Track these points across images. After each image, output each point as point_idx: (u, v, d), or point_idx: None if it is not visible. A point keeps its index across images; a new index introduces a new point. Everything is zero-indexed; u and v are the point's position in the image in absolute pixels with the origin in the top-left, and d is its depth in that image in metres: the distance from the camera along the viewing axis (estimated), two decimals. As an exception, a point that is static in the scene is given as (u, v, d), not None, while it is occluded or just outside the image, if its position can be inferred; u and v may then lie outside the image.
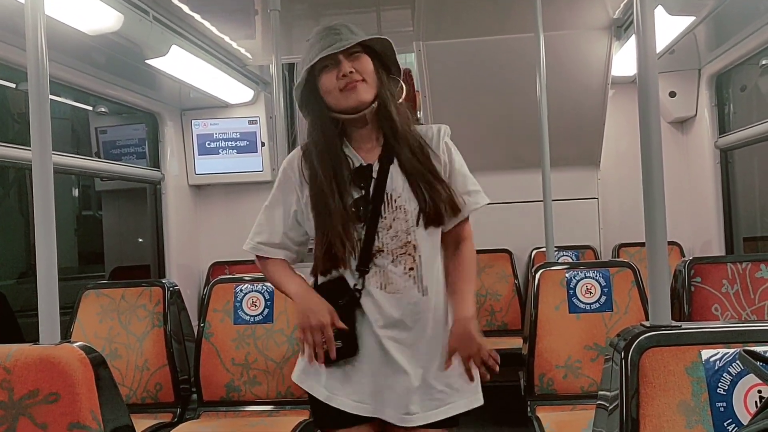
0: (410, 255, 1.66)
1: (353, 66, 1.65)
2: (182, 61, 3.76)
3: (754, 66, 4.27)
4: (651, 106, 1.32)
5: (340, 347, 1.63)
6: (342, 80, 1.64)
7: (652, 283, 1.30)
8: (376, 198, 1.66)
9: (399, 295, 1.65)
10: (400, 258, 1.65)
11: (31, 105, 1.45)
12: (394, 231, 1.65)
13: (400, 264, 1.65)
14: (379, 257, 1.65)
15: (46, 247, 1.42)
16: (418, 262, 1.66)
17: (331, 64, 1.66)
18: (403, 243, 1.66)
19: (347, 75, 1.63)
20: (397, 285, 1.65)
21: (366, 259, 1.65)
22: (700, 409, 1.11)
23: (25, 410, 1.28)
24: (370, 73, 1.67)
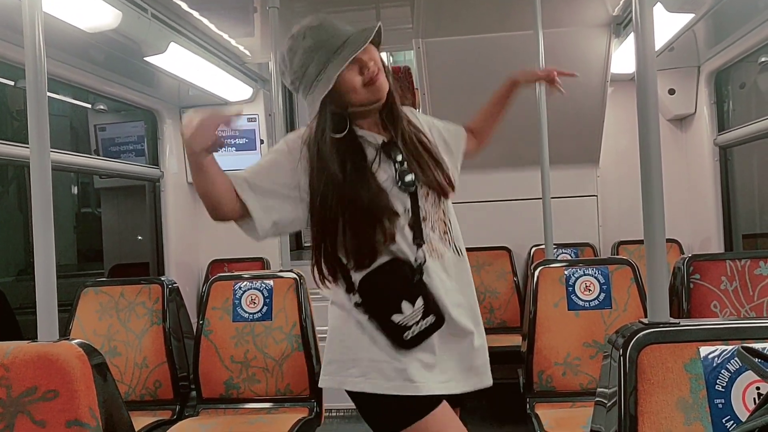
0: (442, 220, 1.69)
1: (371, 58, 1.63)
2: (181, 58, 3.76)
3: (754, 63, 4.27)
4: (650, 103, 1.32)
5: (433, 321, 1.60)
6: (366, 75, 1.61)
7: (651, 280, 1.30)
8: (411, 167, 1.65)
9: (442, 259, 1.66)
10: (436, 224, 1.67)
11: (29, 102, 1.45)
12: (432, 198, 1.67)
13: (437, 229, 1.67)
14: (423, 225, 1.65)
15: (45, 244, 1.42)
16: (449, 225, 1.70)
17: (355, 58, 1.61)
18: (438, 209, 1.69)
19: (369, 68, 1.61)
20: (440, 250, 1.66)
21: (419, 230, 1.63)
22: (698, 406, 1.11)
23: (23, 408, 1.28)
24: (380, 61, 1.65)
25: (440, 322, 1.62)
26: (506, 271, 4.62)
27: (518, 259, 4.71)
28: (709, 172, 4.51)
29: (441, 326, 1.62)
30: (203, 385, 2.94)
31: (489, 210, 4.58)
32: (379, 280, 1.61)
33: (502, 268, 4.63)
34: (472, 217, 4.47)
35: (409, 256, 1.62)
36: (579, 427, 2.29)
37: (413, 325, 1.58)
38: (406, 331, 1.58)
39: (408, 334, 1.58)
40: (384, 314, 1.60)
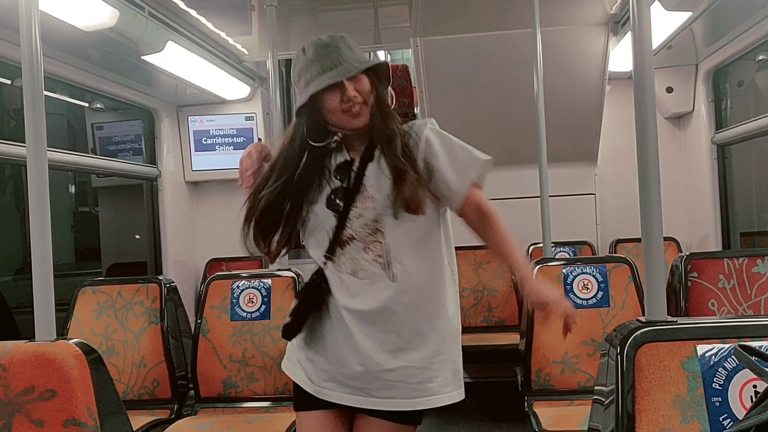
0: (379, 242, 1.72)
1: (356, 88, 1.71)
2: (178, 57, 3.75)
3: (751, 61, 4.27)
4: (647, 101, 1.32)
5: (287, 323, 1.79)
6: (346, 104, 1.71)
7: (648, 278, 1.30)
8: (353, 189, 1.75)
9: (368, 281, 1.72)
10: (370, 245, 1.72)
11: (25, 101, 1.45)
12: (365, 220, 1.72)
13: (370, 251, 1.73)
14: (350, 244, 1.74)
15: (42, 243, 1.41)
16: (386, 249, 1.71)
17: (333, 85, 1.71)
18: (372, 231, 1.72)
19: (351, 99, 1.70)
20: (368, 271, 1.72)
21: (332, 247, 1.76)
22: (695, 404, 1.12)
23: (20, 407, 1.28)
24: (368, 94, 1.73)
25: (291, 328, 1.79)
26: (504, 269, 4.62)
27: (516, 257, 4.71)
28: (706, 170, 4.51)
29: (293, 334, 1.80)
30: (201, 384, 2.94)
31: (487, 208, 4.57)
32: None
33: (500, 266, 4.62)
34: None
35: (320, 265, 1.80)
36: (577, 425, 2.29)
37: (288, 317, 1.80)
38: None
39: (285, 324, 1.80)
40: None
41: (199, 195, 5.18)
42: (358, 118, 1.73)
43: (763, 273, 2.58)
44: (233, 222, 1.85)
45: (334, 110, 1.72)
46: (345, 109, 1.71)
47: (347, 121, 1.73)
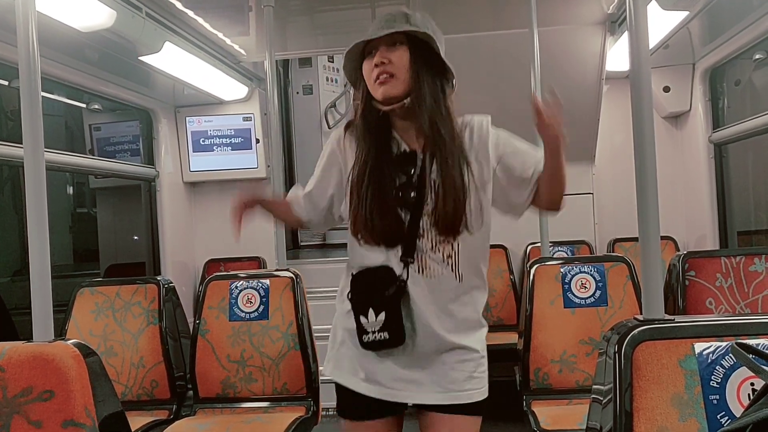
0: (449, 243, 1.66)
1: (389, 56, 1.64)
2: (176, 57, 3.75)
3: (748, 60, 4.28)
4: (644, 100, 1.32)
5: (386, 338, 1.64)
6: (375, 70, 1.64)
7: (646, 277, 1.30)
8: (420, 185, 1.66)
9: (436, 280, 1.66)
10: (440, 245, 1.66)
11: (22, 102, 1.45)
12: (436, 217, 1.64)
13: (439, 251, 1.66)
14: (419, 242, 1.65)
15: (39, 244, 1.41)
16: (456, 249, 1.67)
17: (373, 50, 1.66)
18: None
19: (379, 65, 1.63)
20: (434, 270, 1.66)
21: (411, 248, 1.65)
22: (693, 402, 1.12)
23: (18, 408, 1.28)
24: (402, 68, 1.64)
25: (396, 341, 1.65)
26: (502, 269, 4.63)
27: (514, 257, 4.72)
28: (704, 169, 4.52)
29: (397, 345, 1.66)
30: (200, 384, 2.94)
31: (485, 208, 4.58)
32: (364, 280, 1.68)
33: (498, 266, 4.64)
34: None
35: (395, 269, 1.66)
36: (575, 424, 2.29)
37: (371, 332, 1.65)
38: (364, 335, 1.66)
39: (365, 338, 1.66)
40: (357, 313, 1.68)
41: (197, 196, 5.18)
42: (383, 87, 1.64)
43: (760, 271, 2.59)
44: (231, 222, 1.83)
45: (368, 77, 1.67)
46: (374, 77, 1.64)
47: (375, 90, 1.65)
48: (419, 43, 1.66)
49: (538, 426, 2.44)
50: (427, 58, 1.68)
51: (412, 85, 1.65)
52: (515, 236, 4.68)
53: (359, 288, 1.69)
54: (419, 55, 1.66)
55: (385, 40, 1.64)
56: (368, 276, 1.68)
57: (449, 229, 1.64)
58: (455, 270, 1.68)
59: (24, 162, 1.44)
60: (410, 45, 1.66)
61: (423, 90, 1.65)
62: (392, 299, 1.64)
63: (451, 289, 1.68)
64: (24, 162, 1.44)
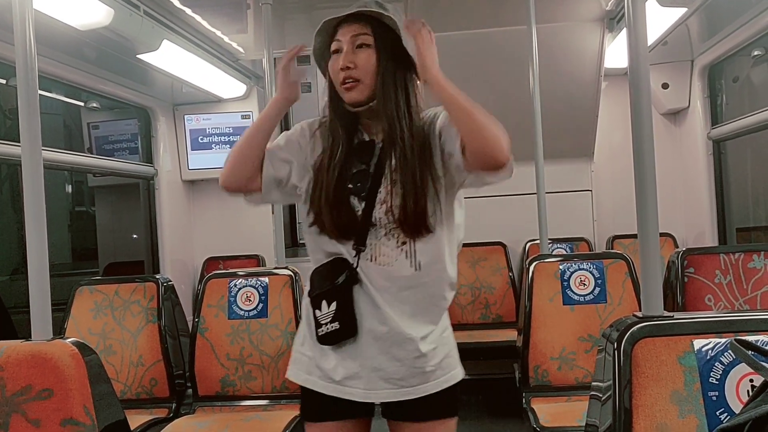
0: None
1: (355, 60, 1.59)
2: (174, 55, 3.74)
3: (747, 57, 4.28)
4: (643, 97, 1.32)
5: (337, 329, 1.59)
6: (340, 73, 1.60)
7: (645, 273, 1.30)
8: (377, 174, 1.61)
9: (390, 268, 1.60)
10: (393, 231, 1.60)
11: (20, 100, 1.44)
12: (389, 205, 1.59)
13: (393, 237, 1.60)
14: (372, 231, 1.60)
15: (37, 242, 1.41)
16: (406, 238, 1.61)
17: (337, 51, 1.62)
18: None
19: (344, 70, 1.59)
20: (389, 258, 1.61)
21: (363, 236, 1.60)
22: (692, 399, 1.12)
23: (17, 407, 1.27)
24: (368, 73, 1.60)
25: (347, 331, 1.60)
26: (501, 266, 4.63)
27: (513, 254, 4.72)
28: (702, 165, 4.52)
29: (349, 336, 1.60)
30: (199, 382, 2.94)
31: (484, 205, 4.57)
32: (320, 273, 1.64)
33: (497, 263, 4.64)
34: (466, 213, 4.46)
35: (348, 258, 1.62)
36: (575, 421, 2.29)
37: (324, 324, 1.60)
38: (319, 328, 1.61)
39: (320, 331, 1.61)
40: (313, 307, 1.63)
41: (196, 194, 5.18)
42: (349, 92, 1.60)
43: (759, 268, 2.59)
44: (230, 220, 1.81)
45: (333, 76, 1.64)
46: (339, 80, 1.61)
47: (340, 92, 1.63)
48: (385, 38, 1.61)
49: (538, 423, 2.44)
50: (392, 53, 1.62)
51: (377, 89, 1.61)
52: (514, 233, 4.69)
53: (314, 282, 1.65)
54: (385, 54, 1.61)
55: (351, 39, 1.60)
56: (323, 269, 1.64)
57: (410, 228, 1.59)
58: (410, 258, 1.61)
59: (21, 160, 1.44)
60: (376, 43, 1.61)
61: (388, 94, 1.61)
62: (342, 288, 1.60)
63: (407, 278, 1.61)
64: (21, 160, 1.44)
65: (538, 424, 2.43)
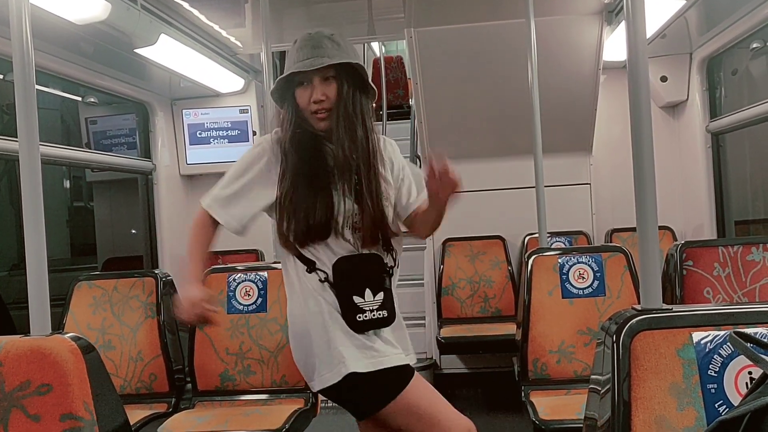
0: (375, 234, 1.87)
1: (325, 92, 1.78)
2: (171, 50, 3.74)
3: (745, 50, 4.27)
4: (641, 90, 1.31)
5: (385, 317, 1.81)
6: (313, 105, 1.79)
7: (643, 266, 1.30)
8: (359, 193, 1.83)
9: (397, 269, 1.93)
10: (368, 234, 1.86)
11: (17, 95, 1.44)
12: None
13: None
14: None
15: (36, 237, 1.41)
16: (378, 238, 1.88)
17: (306, 81, 1.80)
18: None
19: (317, 102, 1.78)
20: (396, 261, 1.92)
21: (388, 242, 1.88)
22: (691, 391, 1.12)
23: (17, 402, 1.27)
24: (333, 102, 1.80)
25: (390, 319, 1.83)
26: (500, 260, 4.63)
27: (512, 248, 4.72)
28: (701, 158, 4.52)
29: (390, 324, 1.84)
30: (198, 377, 2.94)
31: (482, 199, 4.58)
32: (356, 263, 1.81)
33: (496, 257, 4.64)
34: (465, 207, 4.45)
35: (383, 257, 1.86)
36: (574, 414, 2.30)
37: (368, 311, 1.79)
38: (360, 314, 1.78)
39: (361, 316, 1.78)
40: (348, 293, 1.79)
41: (195, 188, 5.17)
42: (322, 122, 1.81)
43: (758, 261, 2.59)
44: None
45: (304, 108, 1.81)
46: (312, 110, 1.80)
47: (313, 122, 1.82)
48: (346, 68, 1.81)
49: (537, 416, 2.44)
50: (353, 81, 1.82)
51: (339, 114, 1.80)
52: (513, 227, 4.69)
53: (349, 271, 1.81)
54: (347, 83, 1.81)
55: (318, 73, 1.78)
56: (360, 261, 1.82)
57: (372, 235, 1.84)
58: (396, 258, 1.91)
59: (19, 156, 1.43)
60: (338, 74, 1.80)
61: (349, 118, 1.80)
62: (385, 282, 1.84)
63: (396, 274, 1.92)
64: (19, 156, 1.43)
65: (537, 417, 2.44)
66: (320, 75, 1.78)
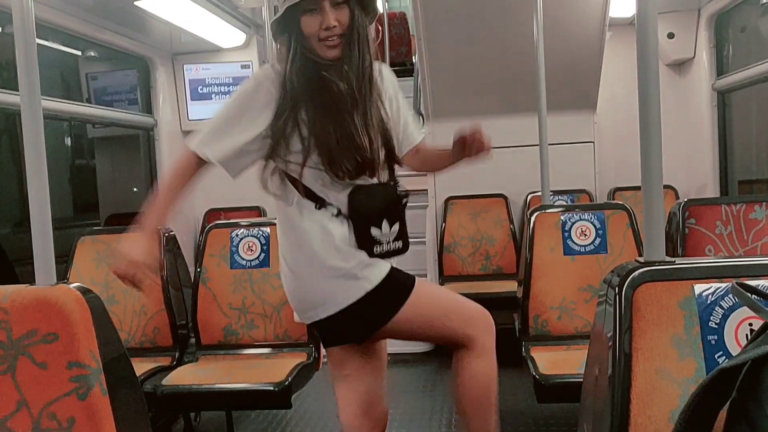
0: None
1: (337, 17, 1.68)
2: (172, 2, 3.69)
3: (755, 5, 4.20)
4: (650, 47, 1.28)
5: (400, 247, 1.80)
6: (324, 32, 1.68)
7: (647, 218, 1.30)
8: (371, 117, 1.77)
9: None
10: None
11: (17, 48, 1.42)
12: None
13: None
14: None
15: (38, 188, 1.40)
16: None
17: (315, 8, 1.68)
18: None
19: (330, 28, 1.67)
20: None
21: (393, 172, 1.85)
22: (692, 342, 1.13)
23: (24, 350, 1.29)
24: (346, 27, 1.70)
25: (405, 249, 1.81)
26: (503, 218, 4.64)
27: (515, 206, 4.72)
28: (706, 117, 4.48)
29: (403, 253, 1.81)
30: (202, 331, 2.97)
31: (485, 157, 4.56)
32: (372, 194, 1.76)
33: (498, 215, 4.64)
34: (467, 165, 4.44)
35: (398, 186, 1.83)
36: (574, 368, 2.32)
37: (384, 243, 1.76)
38: (376, 245, 1.75)
39: (377, 248, 1.75)
40: (366, 225, 1.74)
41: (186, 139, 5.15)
42: (333, 50, 1.71)
43: (760, 219, 2.59)
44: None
45: (311, 35, 1.70)
46: (322, 38, 1.69)
47: (321, 50, 1.71)
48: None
49: (537, 370, 2.47)
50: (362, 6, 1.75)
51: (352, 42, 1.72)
52: (515, 185, 4.67)
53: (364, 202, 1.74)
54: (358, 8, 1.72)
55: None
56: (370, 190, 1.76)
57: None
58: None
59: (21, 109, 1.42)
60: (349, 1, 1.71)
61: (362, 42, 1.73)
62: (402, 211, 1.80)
63: None
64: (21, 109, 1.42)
65: (537, 371, 2.46)
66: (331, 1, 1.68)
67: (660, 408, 1.11)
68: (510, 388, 3.62)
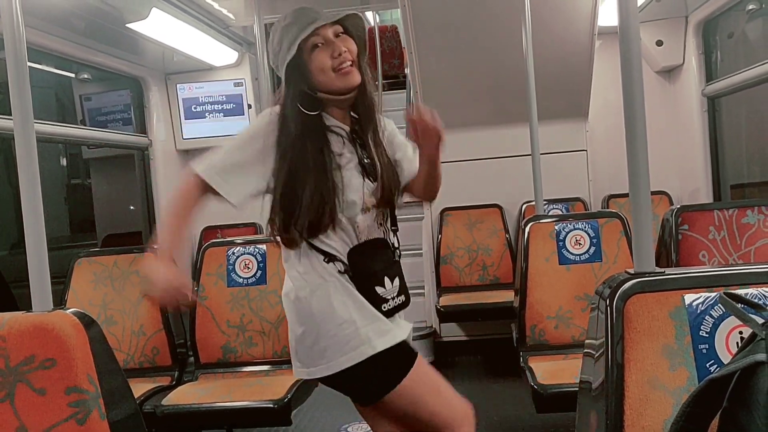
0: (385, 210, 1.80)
1: (347, 46, 1.68)
2: (164, 23, 3.71)
3: (742, 12, 4.24)
4: (633, 55, 1.30)
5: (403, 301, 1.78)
6: (336, 60, 1.66)
7: (637, 230, 1.31)
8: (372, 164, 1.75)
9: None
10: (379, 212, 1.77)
11: (9, 73, 1.43)
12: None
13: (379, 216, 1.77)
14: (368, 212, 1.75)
15: (34, 214, 1.41)
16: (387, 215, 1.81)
17: (321, 43, 1.68)
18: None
19: (341, 55, 1.66)
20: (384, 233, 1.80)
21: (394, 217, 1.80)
22: (683, 352, 1.14)
23: (22, 376, 1.29)
24: (355, 56, 1.70)
25: (407, 303, 1.79)
26: (498, 228, 4.65)
27: (510, 216, 4.74)
28: (697, 123, 4.51)
29: (407, 306, 1.79)
30: (201, 350, 2.97)
31: (478, 168, 4.59)
32: (364, 254, 1.72)
33: (493, 225, 4.66)
34: (461, 176, 4.47)
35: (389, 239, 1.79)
36: (572, 378, 2.32)
37: (390, 299, 1.74)
38: (384, 303, 1.72)
39: (385, 306, 1.72)
40: (370, 284, 1.71)
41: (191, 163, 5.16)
42: (349, 77, 1.68)
43: (753, 223, 2.60)
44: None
45: (324, 69, 1.67)
46: (336, 67, 1.66)
47: (339, 80, 1.68)
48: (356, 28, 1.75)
49: (535, 380, 2.47)
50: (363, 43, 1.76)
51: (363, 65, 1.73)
52: (510, 195, 4.70)
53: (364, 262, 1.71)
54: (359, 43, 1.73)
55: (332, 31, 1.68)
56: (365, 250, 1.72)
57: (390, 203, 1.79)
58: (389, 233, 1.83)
59: (14, 134, 1.44)
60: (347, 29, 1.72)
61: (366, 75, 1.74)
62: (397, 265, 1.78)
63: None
64: (14, 134, 1.44)
65: (535, 381, 2.47)
66: (333, 31, 1.68)
67: (653, 418, 1.12)
68: (509, 398, 3.62)
